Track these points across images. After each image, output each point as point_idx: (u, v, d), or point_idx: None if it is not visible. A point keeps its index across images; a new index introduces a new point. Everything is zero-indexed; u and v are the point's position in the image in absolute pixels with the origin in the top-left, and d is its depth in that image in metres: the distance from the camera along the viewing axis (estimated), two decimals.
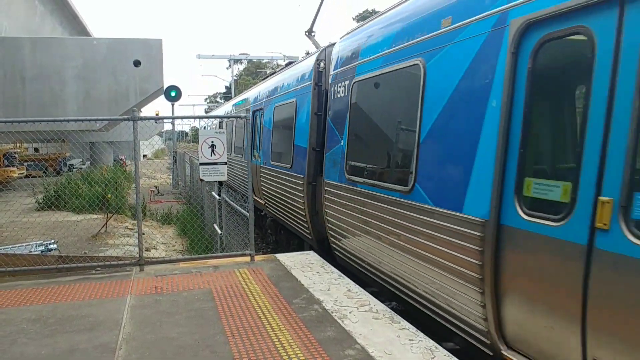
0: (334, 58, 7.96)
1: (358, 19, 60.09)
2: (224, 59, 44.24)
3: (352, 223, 6.95)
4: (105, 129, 24.11)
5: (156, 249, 13.47)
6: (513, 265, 4.00)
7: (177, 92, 27.43)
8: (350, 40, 7.52)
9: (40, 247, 9.91)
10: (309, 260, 7.59)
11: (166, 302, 5.84)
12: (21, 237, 10.01)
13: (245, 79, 72.92)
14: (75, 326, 5.12)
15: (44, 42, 17.77)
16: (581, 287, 3.38)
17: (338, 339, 4.68)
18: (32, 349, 4.61)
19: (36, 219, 12.01)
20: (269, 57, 46.98)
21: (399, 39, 5.87)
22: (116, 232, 14.45)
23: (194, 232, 13.22)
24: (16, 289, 6.36)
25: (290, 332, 4.87)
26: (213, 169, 7.69)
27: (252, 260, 7.66)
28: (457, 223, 4.53)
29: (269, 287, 6.29)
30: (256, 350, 4.47)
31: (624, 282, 3.10)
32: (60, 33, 29.36)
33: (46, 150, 37.40)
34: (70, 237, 12.26)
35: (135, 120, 7.24)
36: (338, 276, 6.71)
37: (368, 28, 7.06)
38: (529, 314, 3.86)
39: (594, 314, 3.30)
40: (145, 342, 4.73)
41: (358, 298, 5.80)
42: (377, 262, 6.25)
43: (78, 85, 17.53)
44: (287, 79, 10.92)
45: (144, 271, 7.18)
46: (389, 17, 6.39)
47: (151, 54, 18.07)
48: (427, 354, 4.33)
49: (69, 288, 6.39)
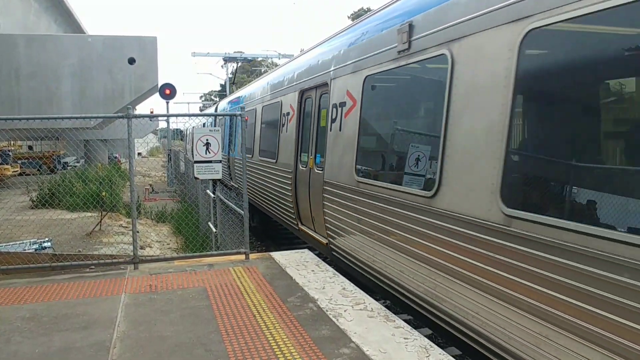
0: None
1: (353, 17, 60.06)
2: (219, 57, 44.09)
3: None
4: (99, 127, 24.07)
5: (151, 247, 13.44)
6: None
7: (172, 90, 27.33)
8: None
9: (35, 246, 9.87)
10: (304, 258, 7.60)
11: (161, 300, 5.83)
12: (15, 235, 9.97)
13: (240, 76, 72.78)
14: (70, 325, 5.11)
15: (40, 40, 17.70)
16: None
17: (333, 338, 4.69)
18: (26, 348, 4.60)
19: (30, 217, 11.97)
20: (263, 55, 46.94)
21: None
22: (111, 230, 14.41)
23: (188, 230, 13.20)
24: (10, 287, 6.34)
25: (285, 331, 4.87)
26: (208, 167, 7.68)
27: (247, 258, 7.66)
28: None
29: (264, 286, 6.29)
30: (251, 349, 4.48)
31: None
32: (55, 31, 29.26)
33: (40, 148, 37.26)
34: (64, 235, 12.22)
35: (129, 118, 7.23)
36: (333, 274, 6.72)
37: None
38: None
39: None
40: (139, 341, 4.72)
41: (353, 296, 5.81)
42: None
43: (73, 82, 17.47)
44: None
45: (139, 269, 7.17)
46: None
47: (146, 51, 18.04)
48: (422, 352, 4.35)
49: (63, 286, 6.38)
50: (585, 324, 3.23)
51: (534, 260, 3.61)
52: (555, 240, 3.43)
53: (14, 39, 17.18)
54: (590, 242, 3.21)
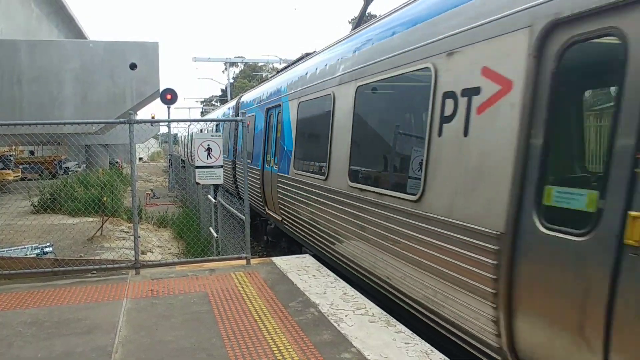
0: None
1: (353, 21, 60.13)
2: (220, 62, 44.23)
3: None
4: (101, 132, 24.11)
5: (152, 252, 13.44)
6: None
7: (174, 95, 27.40)
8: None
9: (36, 250, 9.88)
10: (305, 263, 7.61)
11: (162, 305, 5.85)
12: (17, 240, 10.00)
13: (241, 81, 72.96)
14: (72, 329, 5.13)
15: (42, 45, 17.76)
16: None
17: (334, 343, 4.70)
18: (28, 352, 4.61)
19: (32, 222, 12.00)
20: (264, 60, 47.07)
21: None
22: (112, 235, 14.41)
23: (190, 235, 13.21)
24: (12, 292, 6.36)
25: (287, 336, 4.88)
26: (209, 173, 7.70)
27: (248, 263, 7.67)
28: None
29: (265, 291, 6.30)
30: (252, 354, 4.49)
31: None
32: (57, 36, 29.36)
33: (42, 153, 37.28)
34: (66, 240, 12.21)
35: (131, 123, 7.26)
36: (334, 279, 6.73)
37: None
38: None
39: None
40: (141, 346, 4.74)
41: (354, 301, 5.82)
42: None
43: (75, 88, 17.51)
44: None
45: (140, 274, 7.18)
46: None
47: (147, 56, 18.10)
48: (423, 357, 4.36)
49: (65, 291, 6.40)
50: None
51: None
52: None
53: (16, 44, 17.24)
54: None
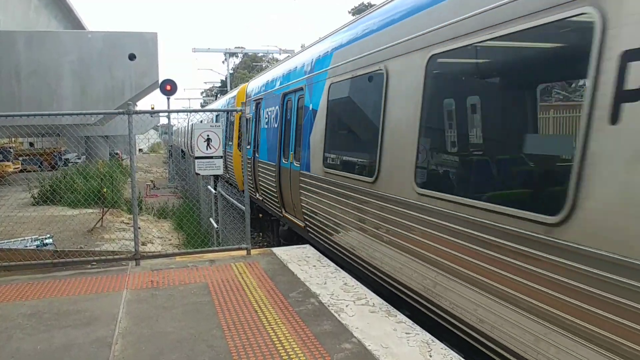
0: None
1: (354, 12, 59.87)
2: (220, 53, 44.02)
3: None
4: (100, 123, 24.05)
5: (152, 243, 13.46)
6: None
7: (173, 86, 27.30)
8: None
9: (36, 242, 9.88)
10: (305, 254, 7.59)
11: (162, 296, 5.83)
12: (17, 232, 9.97)
13: (241, 72, 72.72)
14: (72, 321, 5.11)
15: (39, 36, 17.64)
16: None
17: (334, 333, 4.69)
18: (28, 344, 4.60)
19: (32, 213, 11.98)
20: (264, 50, 46.93)
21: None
22: (112, 227, 14.41)
23: (190, 226, 13.21)
24: (12, 284, 6.35)
25: (287, 326, 4.87)
26: (209, 163, 7.66)
27: (249, 254, 7.66)
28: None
29: (265, 281, 6.29)
30: (252, 345, 4.48)
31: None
32: (56, 27, 29.20)
33: (41, 145, 37.24)
34: (66, 232, 12.21)
35: (130, 114, 7.21)
36: (334, 270, 6.71)
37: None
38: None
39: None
40: (141, 337, 4.72)
41: (354, 292, 5.81)
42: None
43: (74, 79, 17.44)
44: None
45: (140, 265, 7.17)
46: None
47: (146, 47, 18.01)
48: (424, 347, 4.35)
49: (65, 283, 6.38)
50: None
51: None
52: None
53: (13, 36, 17.13)
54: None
